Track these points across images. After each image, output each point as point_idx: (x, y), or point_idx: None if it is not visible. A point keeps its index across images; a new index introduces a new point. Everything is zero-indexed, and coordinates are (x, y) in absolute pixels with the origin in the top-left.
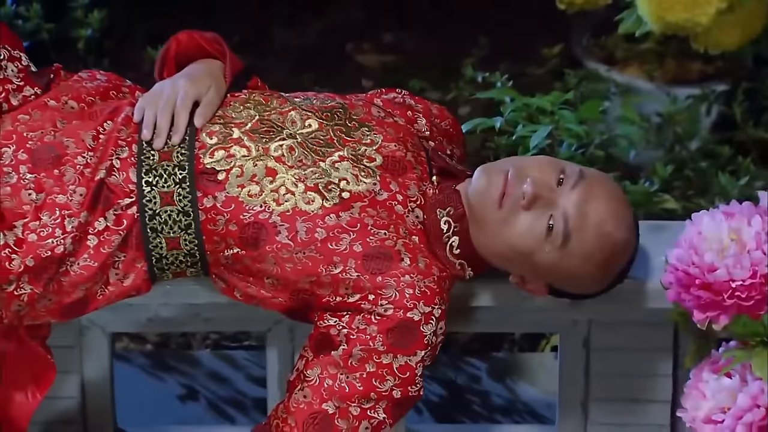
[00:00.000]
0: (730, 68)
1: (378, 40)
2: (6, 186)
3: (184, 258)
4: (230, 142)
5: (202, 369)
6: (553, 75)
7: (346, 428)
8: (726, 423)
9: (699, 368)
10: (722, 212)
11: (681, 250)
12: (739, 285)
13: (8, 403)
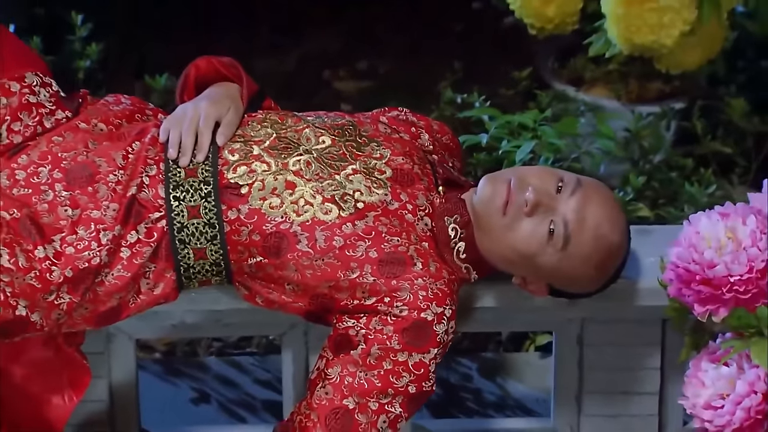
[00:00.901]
0: (686, 87)
1: (353, 67)
2: (43, 203)
3: (210, 267)
4: (251, 158)
5: (211, 374)
6: (524, 96)
7: (366, 422)
8: (726, 408)
9: (697, 359)
10: (718, 213)
11: (681, 249)
12: (737, 279)
13: (46, 406)
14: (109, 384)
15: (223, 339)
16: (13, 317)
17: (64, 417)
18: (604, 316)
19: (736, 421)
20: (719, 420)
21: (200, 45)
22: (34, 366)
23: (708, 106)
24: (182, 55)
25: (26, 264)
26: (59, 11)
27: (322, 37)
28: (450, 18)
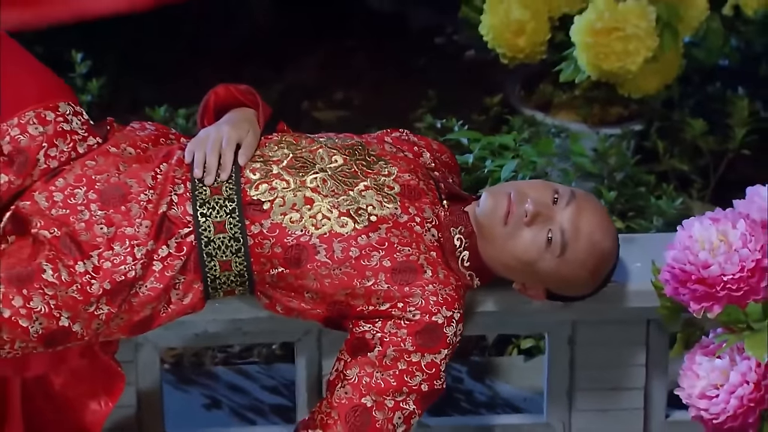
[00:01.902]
0: (642, 111)
1: (330, 98)
2: (81, 222)
3: (235, 278)
4: (271, 176)
5: (221, 382)
6: (495, 121)
7: (383, 419)
8: (720, 398)
9: (692, 353)
10: (709, 218)
11: (677, 252)
12: (730, 278)
13: (84, 411)
14: (136, 390)
15: (227, 350)
16: (57, 328)
17: (100, 421)
18: (593, 317)
19: (730, 409)
20: (714, 408)
21: (190, 80)
22: (72, 374)
23: (663, 128)
24: (174, 88)
25: (68, 278)
26: (59, 50)
27: (300, 72)
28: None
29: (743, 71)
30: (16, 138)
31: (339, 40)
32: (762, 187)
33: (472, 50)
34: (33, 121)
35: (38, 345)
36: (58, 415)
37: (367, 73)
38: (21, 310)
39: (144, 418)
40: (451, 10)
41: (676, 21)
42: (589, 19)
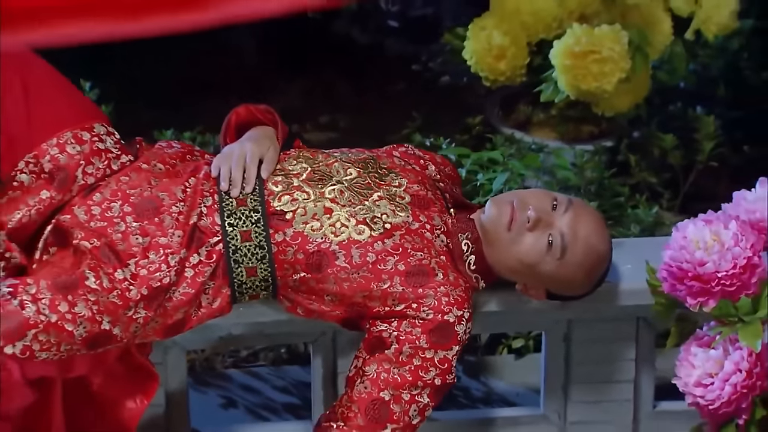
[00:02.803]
0: (612, 128)
1: (316, 121)
2: (117, 233)
3: (260, 283)
4: (293, 188)
5: (234, 383)
6: (477, 139)
7: (400, 411)
8: (715, 385)
9: (687, 345)
10: (702, 220)
11: (673, 251)
12: (724, 275)
13: (121, 409)
14: (165, 390)
15: (235, 354)
16: (99, 331)
17: (136, 418)
18: (588, 316)
19: (725, 395)
20: (710, 395)
21: (187, 107)
22: (110, 374)
23: (632, 144)
24: (175, 113)
25: (109, 285)
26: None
27: (287, 96)
28: (393, 78)
29: (701, 92)
30: (56, 157)
31: (320, 69)
32: (747, 191)
33: (447, 76)
34: (71, 141)
35: (82, 347)
36: (97, 412)
37: (350, 98)
38: (67, 315)
39: (172, 415)
40: (425, 41)
41: (645, 45)
42: (568, 43)
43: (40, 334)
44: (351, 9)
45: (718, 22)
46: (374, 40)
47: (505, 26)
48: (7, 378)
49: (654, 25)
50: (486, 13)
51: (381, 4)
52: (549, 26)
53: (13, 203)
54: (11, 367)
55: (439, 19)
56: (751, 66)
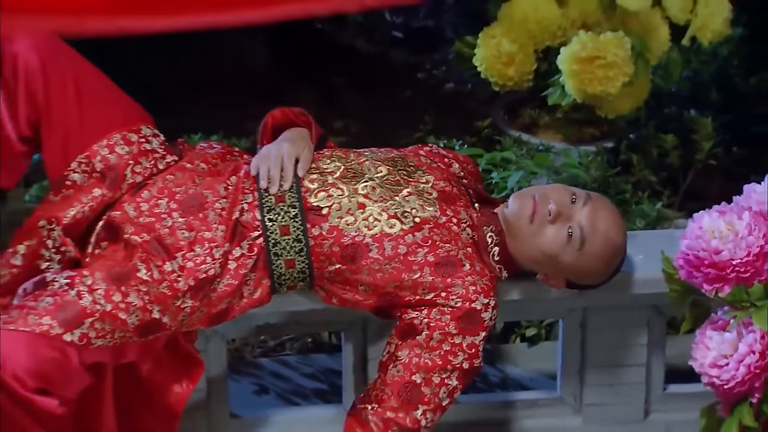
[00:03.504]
0: (611, 131)
1: (330, 127)
2: (165, 228)
3: (298, 274)
4: (328, 185)
5: (265, 371)
6: (486, 141)
7: (430, 393)
8: (730, 366)
9: (702, 329)
10: (716, 211)
11: (689, 241)
12: (739, 262)
13: (168, 393)
14: (206, 376)
15: (263, 345)
16: (149, 319)
17: (182, 401)
18: (602, 304)
19: (739, 375)
20: (725, 375)
21: (201, 114)
22: (158, 361)
23: (632, 144)
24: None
25: (159, 276)
26: None
27: (300, 104)
28: (399, 86)
29: (694, 96)
30: (107, 157)
31: (329, 77)
32: (756, 184)
33: (452, 83)
34: (120, 143)
35: (134, 335)
36: (145, 396)
37: (359, 105)
38: (120, 305)
39: (212, 400)
40: (428, 50)
41: (646, 51)
42: (575, 49)
43: (96, 323)
44: (357, 20)
45: (713, 29)
46: (380, 50)
47: (513, 34)
48: (66, 363)
49: (652, 33)
50: (495, 22)
51: (386, 16)
52: (554, 34)
53: (67, 201)
54: (70, 354)
55: (441, 29)
56: (740, 72)
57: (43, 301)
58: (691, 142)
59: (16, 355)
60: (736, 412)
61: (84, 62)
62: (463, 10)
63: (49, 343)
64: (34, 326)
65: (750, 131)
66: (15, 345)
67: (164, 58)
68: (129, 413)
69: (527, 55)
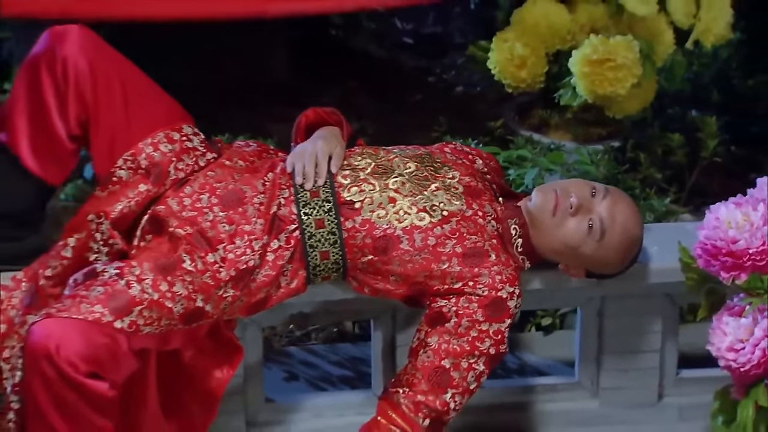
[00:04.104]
0: (617, 131)
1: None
2: (206, 222)
3: (332, 265)
4: (360, 181)
5: (294, 359)
6: (499, 141)
7: (458, 377)
8: (746, 350)
9: (719, 315)
10: (733, 203)
11: (707, 231)
12: (755, 251)
13: (209, 378)
14: (243, 363)
15: (291, 334)
16: (194, 308)
17: (222, 386)
18: (619, 293)
19: (755, 359)
20: (742, 359)
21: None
22: (200, 348)
23: (636, 144)
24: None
25: (202, 267)
26: None
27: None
28: (411, 89)
29: (696, 97)
30: (151, 155)
31: (344, 81)
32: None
33: (461, 86)
34: (163, 141)
35: (179, 323)
36: (188, 381)
37: (373, 107)
38: (167, 294)
39: (249, 385)
40: (437, 55)
41: (652, 54)
42: (586, 52)
43: (145, 311)
44: (370, 27)
45: (716, 32)
46: (391, 55)
47: (525, 39)
48: (117, 349)
49: (658, 37)
50: (508, 27)
51: (396, 23)
52: (564, 38)
53: (114, 196)
54: (120, 340)
55: (449, 35)
56: (739, 74)
57: (95, 290)
58: (695, 141)
59: (70, 341)
60: (752, 393)
61: (129, 64)
62: (470, 17)
63: (100, 329)
64: (86, 314)
65: (748, 131)
66: (69, 332)
67: (189, 63)
68: (172, 397)
69: (539, 58)
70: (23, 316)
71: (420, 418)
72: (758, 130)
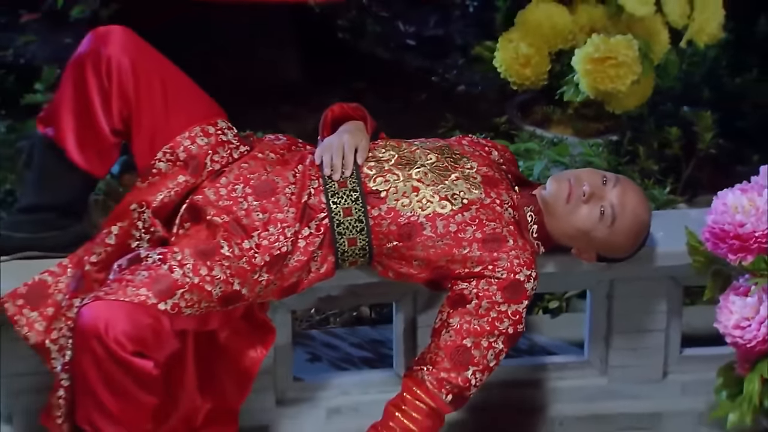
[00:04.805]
0: (615, 125)
1: None
2: (241, 210)
3: (359, 251)
4: (384, 172)
5: (317, 341)
6: (504, 135)
7: (479, 356)
8: (752, 327)
9: (726, 295)
10: (739, 189)
11: (716, 216)
12: (761, 234)
13: (244, 358)
14: (274, 344)
15: (311, 318)
16: (231, 291)
17: (257, 365)
18: (627, 276)
19: (760, 335)
20: (748, 335)
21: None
22: (236, 329)
23: (633, 138)
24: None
25: (239, 252)
26: None
27: (327, 106)
28: (417, 88)
29: (686, 94)
30: (189, 148)
31: (352, 82)
32: None
33: (463, 86)
34: (200, 135)
35: (217, 305)
36: (224, 360)
37: (380, 106)
38: (206, 278)
39: (278, 364)
40: (439, 56)
41: (650, 52)
42: (588, 50)
43: (186, 293)
44: (375, 30)
45: (709, 32)
46: (396, 56)
47: (529, 39)
48: (161, 329)
49: (654, 36)
50: (512, 28)
51: (400, 26)
52: (565, 38)
53: (155, 187)
54: (164, 321)
55: (450, 37)
56: (727, 73)
57: (140, 274)
58: (690, 134)
59: (117, 321)
60: (758, 367)
61: (168, 63)
62: (469, 20)
63: (145, 311)
64: (132, 297)
65: (735, 126)
66: (116, 313)
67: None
68: (208, 375)
69: (542, 57)
70: (70, 300)
71: (443, 393)
72: (744, 125)
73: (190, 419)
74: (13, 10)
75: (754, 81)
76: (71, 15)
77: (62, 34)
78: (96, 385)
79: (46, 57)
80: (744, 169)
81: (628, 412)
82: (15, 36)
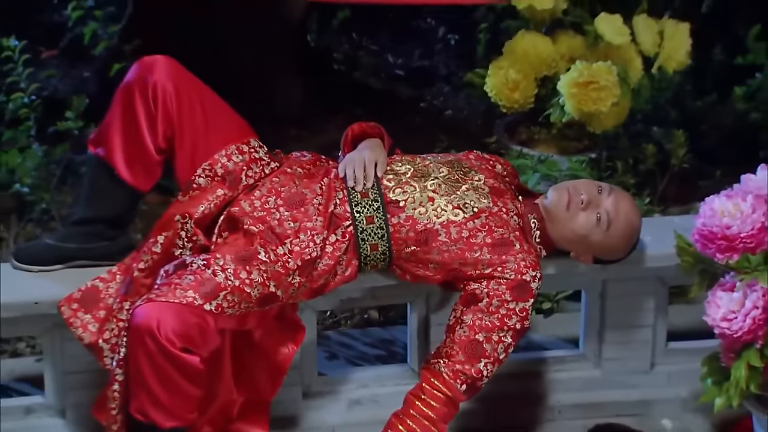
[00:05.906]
0: (592, 144)
1: None
2: (274, 220)
3: (380, 256)
4: (402, 183)
5: (333, 341)
6: (494, 154)
7: (490, 349)
8: (738, 319)
9: (714, 290)
10: (724, 195)
11: (704, 219)
12: (746, 235)
13: (276, 354)
14: None
15: (324, 321)
16: (267, 293)
17: (288, 361)
18: (618, 276)
19: (746, 326)
20: (734, 326)
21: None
22: (269, 327)
23: (610, 155)
24: None
25: (274, 258)
26: None
27: (328, 130)
28: (407, 114)
29: (655, 115)
30: (226, 164)
31: (350, 109)
32: (752, 174)
33: (450, 110)
34: (235, 152)
35: (255, 305)
36: (257, 357)
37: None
38: (246, 281)
39: (304, 360)
40: (426, 85)
41: (627, 77)
42: (573, 75)
43: (228, 295)
44: (368, 62)
45: (677, 59)
46: (388, 86)
47: (517, 66)
48: (206, 327)
49: (629, 63)
50: (501, 56)
51: (389, 58)
52: (549, 65)
53: (195, 200)
54: (209, 320)
55: (434, 68)
56: (691, 96)
57: (186, 278)
58: (663, 152)
59: (168, 320)
60: (744, 355)
61: (206, 88)
62: (450, 53)
63: (192, 311)
64: (181, 298)
65: (698, 144)
66: (166, 313)
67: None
68: (243, 370)
69: (529, 82)
70: (120, 303)
71: (458, 383)
72: (705, 144)
73: (226, 410)
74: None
75: (713, 103)
76: (95, 51)
77: (80, 69)
78: (149, 378)
79: (67, 90)
80: (706, 182)
81: (620, 400)
82: (38, 71)
